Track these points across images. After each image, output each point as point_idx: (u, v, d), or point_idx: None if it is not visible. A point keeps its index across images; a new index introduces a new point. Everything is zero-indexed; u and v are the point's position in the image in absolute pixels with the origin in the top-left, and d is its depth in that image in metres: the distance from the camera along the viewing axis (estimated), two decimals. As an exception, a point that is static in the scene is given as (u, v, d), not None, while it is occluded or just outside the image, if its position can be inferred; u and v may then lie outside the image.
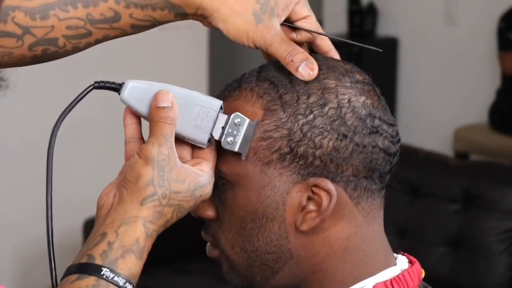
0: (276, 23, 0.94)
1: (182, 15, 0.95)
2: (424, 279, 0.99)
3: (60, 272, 0.95)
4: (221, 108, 0.94)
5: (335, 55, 1.00)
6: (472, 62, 4.66)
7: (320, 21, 0.98)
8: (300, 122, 0.92)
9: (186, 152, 0.95)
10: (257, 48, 0.95)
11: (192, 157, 0.95)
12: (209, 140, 0.94)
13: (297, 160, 0.92)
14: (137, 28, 0.95)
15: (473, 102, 4.64)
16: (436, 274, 2.77)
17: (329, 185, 0.92)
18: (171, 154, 0.90)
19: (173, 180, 0.89)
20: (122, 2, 0.92)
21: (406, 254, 1.01)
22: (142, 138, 0.96)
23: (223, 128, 0.93)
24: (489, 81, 4.57)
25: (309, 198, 0.93)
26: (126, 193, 0.90)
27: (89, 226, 3.11)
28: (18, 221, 3.31)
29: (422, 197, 2.92)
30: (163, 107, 0.92)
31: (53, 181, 1.02)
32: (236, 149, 0.93)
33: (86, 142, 3.47)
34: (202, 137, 0.93)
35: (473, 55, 4.64)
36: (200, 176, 0.91)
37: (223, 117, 0.93)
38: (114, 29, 0.94)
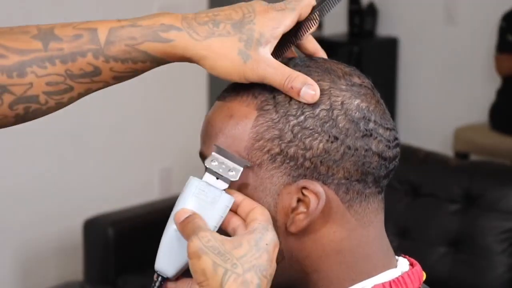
0: (266, 52, 0.92)
1: (165, 63, 0.94)
2: (425, 281, 0.99)
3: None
4: (196, 179, 0.93)
5: (323, 55, 1.00)
6: (472, 62, 4.66)
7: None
8: (291, 123, 0.92)
9: (239, 223, 0.93)
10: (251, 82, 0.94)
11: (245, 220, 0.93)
12: (227, 190, 0.93)
13: (288, 161, 0.92)
14: (120, 79, 0.94)
15: (473, 102, 4.64)
16: (436, 274, 2.77)
17: (318, 187, 0.91)
18: (212, 233, 0.88)
19: (231, 249, 0.87)
20: (101, 56, 0.91)
21: (407, 256, 1.00)
22: None
23: (217, 177, 0.92)
24: (489, 81, 4.57)
25: (299, 200, 0.92)
26: None
27: (89, 226, 3.10)
28: (18, 222, 3.31)
29: (422, 197, 2.92)
30: (186, 218, 0.91)
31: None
32: (237, 177, 0.92)
33: (87, 143, 3.47)
34: (224, 201, 0.92)
35: (473, 55, 4.64)
36: (253, 231, 0.89)
37: (207, 176, 0.93)
38: (95, 83, 0.93)
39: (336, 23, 4.93)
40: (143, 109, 3.65)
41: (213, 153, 0.93)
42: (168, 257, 0.93)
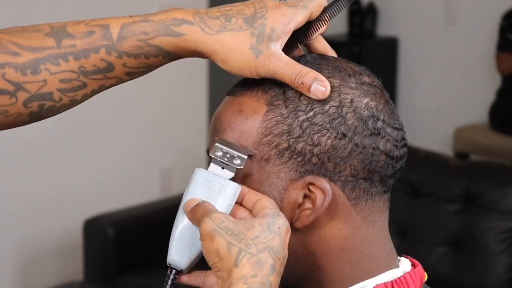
0: (277, 47, 0.93)
1: (177, 58, 0.95)
2: (426, 282, 0.99)
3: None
4: (202, 170, 0.94)
5: (333, 55, 1.00)
6: (472, 62, 4.66)
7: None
8: (300, 118, 0.92)
9: (246, 213, 0.94)
10: (262, 78, 0.94)
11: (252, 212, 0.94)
12: (235, 180, 0.94)
13: (295, 156, 0.92)
14: (132, 75, 0.94)
15: (473, 102, 4.65)
16: (436, 274, 2.77)
17: (325, 183, 0.92)
18: (225, 215, 0.89)
19: (245, 230, 0.88)
20: (113, 52, 0.91)
21: (409, 257, 1.01)
22: None
23: (222, 166, 0.93)
24: (489, 81, 4.57)
25: (306, 196, 0.93)
26: (222, 273, 0.87)
27: (89, 226, 3.11)
28: (18, 222, 3.31)
29: (422, 197, 2.92)
30: (195, 206, 0.91)
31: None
32: (242, 165, 0.93)
33: (87, 142, 3.47)
34: (232, 189, 0.93)
35: (473, 55, 4.65)
36: (265, 215, 0.90)
37: (213, 166, 0.93)
38: (109, 79, 0.93)
39: (336, 23, 4.93)
40: (143, 109, 3.65)
41: (217, 144, 0.93)
42: (181, 249, 0.93)
